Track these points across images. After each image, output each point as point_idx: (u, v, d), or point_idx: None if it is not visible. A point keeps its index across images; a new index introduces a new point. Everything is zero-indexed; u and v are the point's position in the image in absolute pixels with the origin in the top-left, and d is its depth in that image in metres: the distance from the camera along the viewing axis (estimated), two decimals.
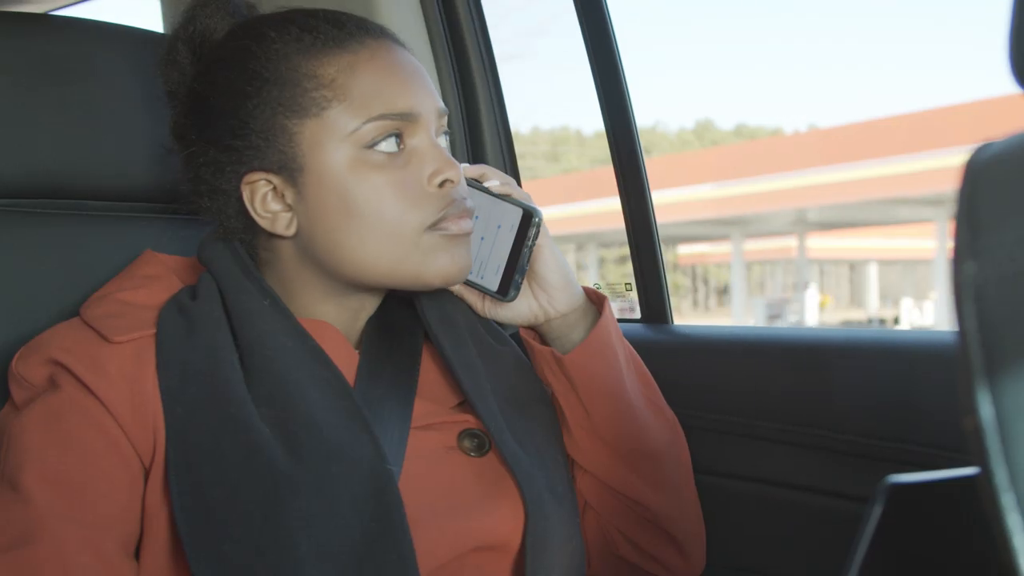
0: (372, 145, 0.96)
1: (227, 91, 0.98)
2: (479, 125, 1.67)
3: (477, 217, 1.08)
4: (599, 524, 1.13)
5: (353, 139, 0.95)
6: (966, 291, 0.43)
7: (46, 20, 1.25)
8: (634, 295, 1.52)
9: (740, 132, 44.58)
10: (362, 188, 0.95)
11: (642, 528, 1.12)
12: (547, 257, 1.08)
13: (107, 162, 1.21)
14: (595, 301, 1.12)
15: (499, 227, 1.09)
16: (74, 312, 0.99)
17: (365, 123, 0.95)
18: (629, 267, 1.52)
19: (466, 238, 1.01)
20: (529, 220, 1.07)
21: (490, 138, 1.67)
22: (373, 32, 1.00)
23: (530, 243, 1.07)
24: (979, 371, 0.42)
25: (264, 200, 0.99)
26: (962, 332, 0.43)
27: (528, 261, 1.08)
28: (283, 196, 0.98)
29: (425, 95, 0.99)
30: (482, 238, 1.09)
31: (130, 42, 1.26)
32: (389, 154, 0.96)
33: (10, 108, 1.14)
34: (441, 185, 0.98)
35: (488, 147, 1.67)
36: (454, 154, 1.68)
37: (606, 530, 1.13)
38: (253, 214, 0.99)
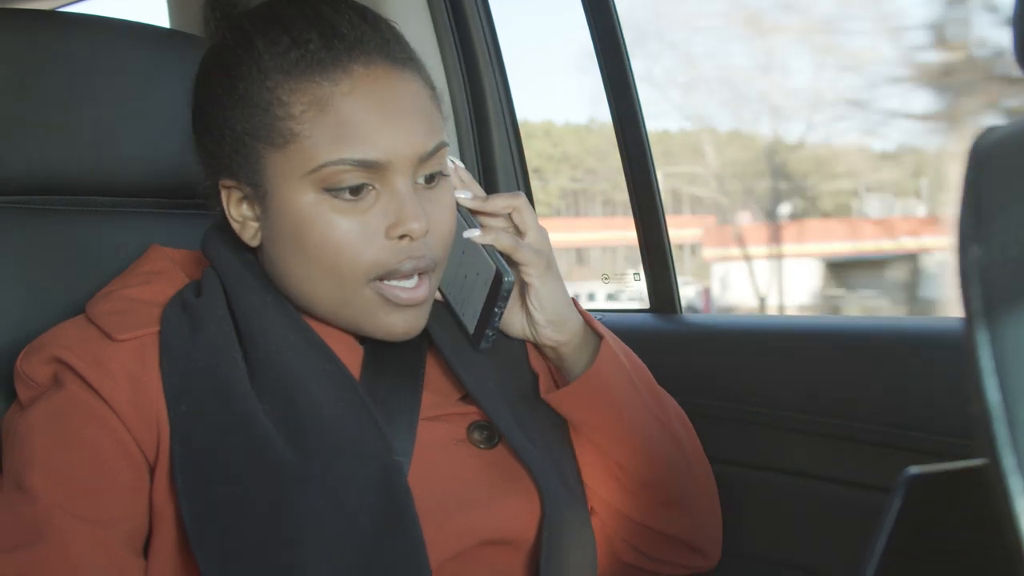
0: (333, 187, 0.92)
1: (211, 94, 0.96)
2: (486, 120, 1.67)
3: (464, 252, 1.03)
4: (604, 532, 1.11)
5: (313, 179, 0.91)
6: (971, 275, 0.43)
7: (52, 16, 1.25)
8: (642, 284, 1.52)
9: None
10: (317, 227, 0.92)
11: (653, 540, 1.10)
12: (538, 296, 1.03)
13: (113, 158, 1.21)
14: (598, 331, 1.07)
15: (478, 275, 1.02)
16: (81, 309, 0.99)
17: (325, 165, 0.91)
18: None
19: (419, 306, 0.96)
20: (499, 284, 0.99)
21: (497, 133, 1.67)
22: (366, 54, 0.93)
23: (500, 305, 0.99)
24: (985, 355, 0.42)
25: (238, 205, 0.98)
26: (968, 316, 0.42)
27: (499, 322, 1.01)
28: (253, 206, 0.97)
29: (402, 138, 0.92)
30: (466, 276, 1.03)
31: (136, 38, 1.26)
32: (350, 197, 0.92)
33: (16, 105, 1.14)
34: (401, 237, 0.94)
35: (496, 142, 1.66)
36: (462, 152, 1.68)
37: (611, 539, 1.11)
38: (227, 215, 0.98)
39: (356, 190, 0.92)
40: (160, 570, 0.90)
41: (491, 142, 1.67)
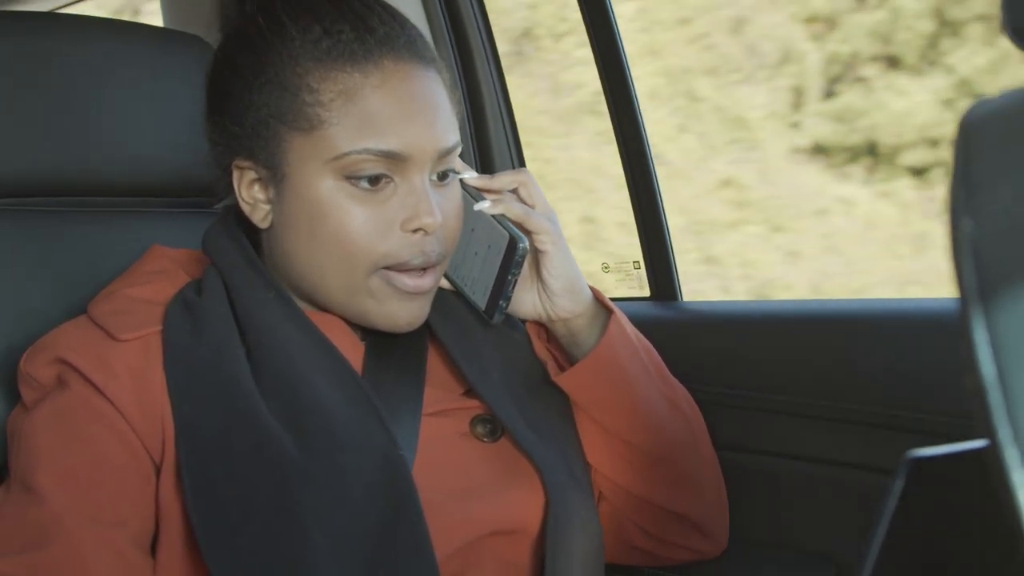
0: (353, 175, 0.93)
1: (237, 75, 0.97)
2: (483, 115, 1.66)
3: (473, 229, 1.04)
4: (614, 516, 1.11)
5: (335, 166, 0.92)
6: (963, 248, 0.43)
7: (50, 18, 1.25)
8: (642, 272, 1.52)
9: None
10: (333, 215, 0.93)
11: (662, 520, 1.11)
12: (553, 263, 1.04)
13: (113, 158, 1.21)
14: (607, 306, 1.08)
15: (489, 247, 1.03)
16: (83, 310, 0.99)
17: (349, 154, 0.92)
18: None
19: (423, 296, 0.98)
20: (514, 249, 1.01)
21: (494, 128, 1.66)
22: (396, 50, 0.95)
23: (515, 271, 1.01)
24: (979, 328, 0.42)
25: (250, 186, 0.98)
26: (961, 289, 0.43)
27: (512, 289, 1.02)
28: (267, 189, 0.97)
29: (425, 134, 0.94)
30: (476, 252, 1.04)
31: (134, 38, 1.26)
32: (368, 187, 0.93)
33: (15, 107, 1.14)
34: (415, 231, 0.95)
35: (492, 137, 1.66)
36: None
37: (621, 523, 1.12)
38: (238, 196, 0.99)
39: (374, 180, 0.93)
40: (168, 568, 0.90)
41: (488, 137, 1.67)
